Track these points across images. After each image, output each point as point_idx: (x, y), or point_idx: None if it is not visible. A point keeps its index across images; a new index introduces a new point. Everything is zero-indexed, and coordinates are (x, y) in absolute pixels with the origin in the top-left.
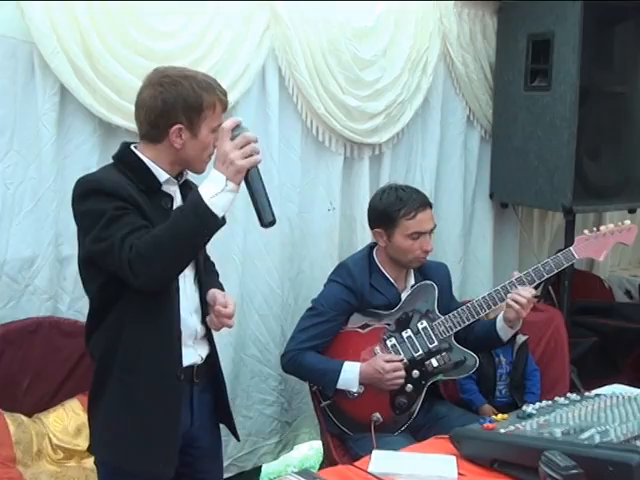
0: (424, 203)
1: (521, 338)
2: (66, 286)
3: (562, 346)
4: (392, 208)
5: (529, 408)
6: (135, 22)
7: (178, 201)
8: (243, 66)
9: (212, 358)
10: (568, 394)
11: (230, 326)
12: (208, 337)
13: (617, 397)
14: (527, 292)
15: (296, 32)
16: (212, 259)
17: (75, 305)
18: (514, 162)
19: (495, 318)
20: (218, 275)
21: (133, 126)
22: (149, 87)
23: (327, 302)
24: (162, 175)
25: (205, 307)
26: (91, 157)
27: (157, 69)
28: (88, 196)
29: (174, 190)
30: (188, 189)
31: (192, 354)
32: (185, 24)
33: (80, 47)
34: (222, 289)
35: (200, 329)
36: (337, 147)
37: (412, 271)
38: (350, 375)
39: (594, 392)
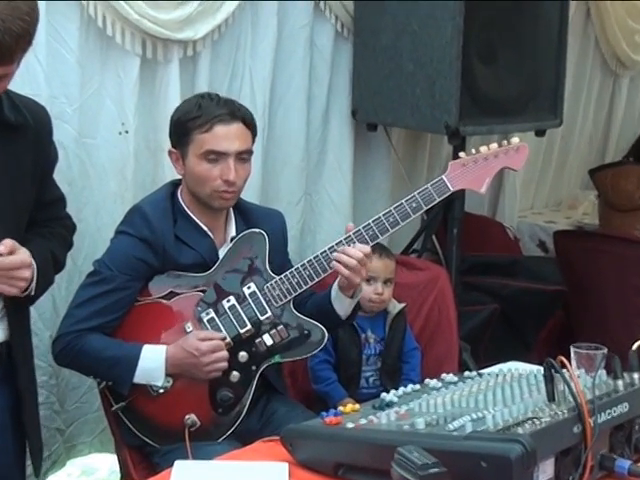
0: (231, 115)
1: (396, 306)
2: None
3: (449, 316)
4: (186, 117)
5: (389, 395)
6: None
7: None
8: None
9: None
10: (443, 375)
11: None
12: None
13: (504, 375)
14: (356, 250)
15: None
16: None
17: None
18: (383, 67)
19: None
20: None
21: None
22: None
23: (115, 263)
24: None
25: None
26: None
27: None
28: None
29: None
30: None
31: None
32: None
33: None
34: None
35: None
36: (132, 44)
37: (233, 217)
38: (153, 363)
39: (479, 372)
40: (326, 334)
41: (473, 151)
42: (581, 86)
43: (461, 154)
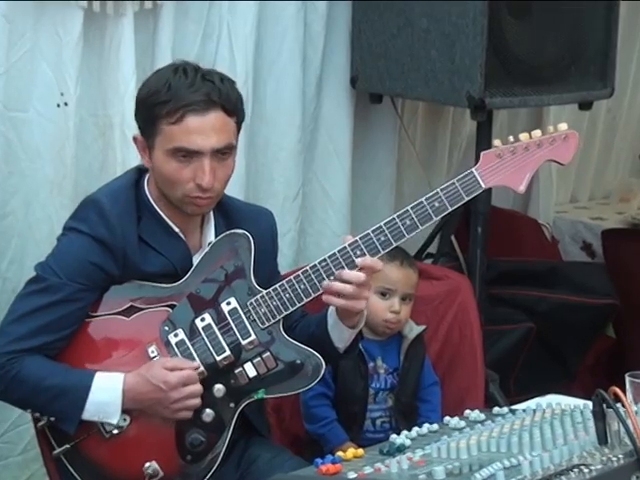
0: (207, 102)
1: (413, 329)
2: None
3: (472, 337)
4: (153, 99)
5: (400, 437)
6: None
7: None
8: None
9: None
10: (467, 412)
11: None
12: None
13: (543, 412)
14: (354, 272)
15: None
16: None
17: None
18: (389, 23)
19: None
20: None
21: None
22: None
23: (63, 268)
24: None
25: None
26: None
27: None
28: None
29: None
30: None
31: None
32: None
33: None
34: None
35: None
36: None
37: (212, 217)
38: (106, 396)
39: (511, 408)
40: (323, 365)
41: (510, 139)
42: (631, 48)
43: (496, 142)
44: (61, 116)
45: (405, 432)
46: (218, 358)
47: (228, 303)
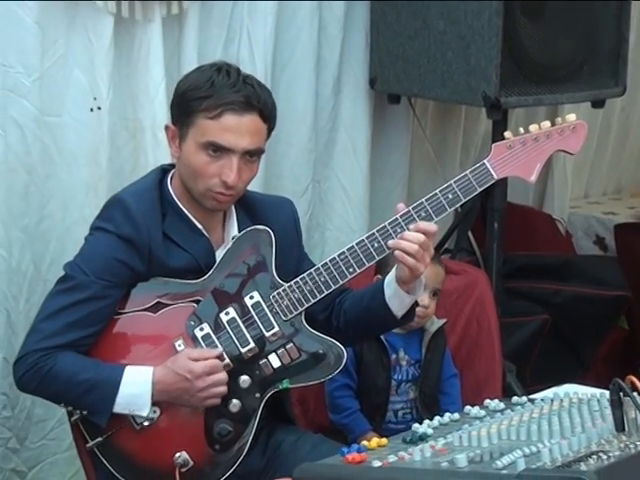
0: (246, 104)
1: (434, 322)
2: None
3: (490, 329)
4: (194, 93)
5: (422, 427)
6: None
7: None
8: None
9: None
10: (487, 401)
11: None
12: None
13: (561, 401)
14: (415, 235)
15: None
16: None
17: None
18: (407, 25)
19: (377, 281)
20: None
21: None
22: None
23: (90, 266)
24: None
25: None
26: None
27: None
28: None
29: None
30: None
31: None
32: None
33: None
34: None
35: None
36: (105, 1)
37: (234, 212)
38: (137, 388)
39: (529, 397)
40: (345, 354)
41: (521, 130)
42: None
43: (506, 134)
44: (95, 120)
45: (427, 421)
46: (243, 350)
47: (251, 297)
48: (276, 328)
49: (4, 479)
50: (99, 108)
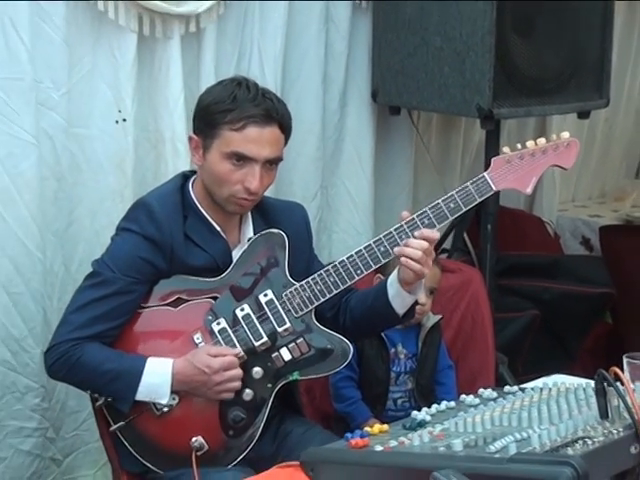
0: (267, 117)
1: (430, 318)
2: None
3: (483, 324)
4: (218, 107)
5: (421, 414)
6: None
7: None
8: None
9: None
10: (481, 390)
11: None
12: None
13: (549, 390)
14: (418, 243)
15: None
16: None
17: None
18: (406, 42)
19: (381, 282)
20: None
21: None
22: None
23: (116, 263)
24: None
25: None
26: None
27: None
28: None
29: None
30: None
31: None
32: None
33: None
34: None
35: None
36: (128, 20)
37: (249, 215)
38: (158, 378)
39: (520, 387)
40: (351, 349)
41: (518, 146)
42: (626, 61)
43: (505, 149)
44: (120, 132)
45: (425, 409)
46: (256, 344)
47: (265, 295)
48: (288, 324)
49: (44, 467)
50: (124, 120)
